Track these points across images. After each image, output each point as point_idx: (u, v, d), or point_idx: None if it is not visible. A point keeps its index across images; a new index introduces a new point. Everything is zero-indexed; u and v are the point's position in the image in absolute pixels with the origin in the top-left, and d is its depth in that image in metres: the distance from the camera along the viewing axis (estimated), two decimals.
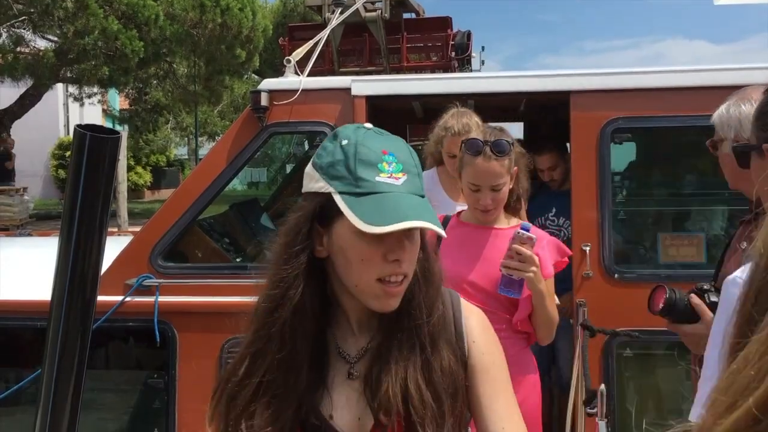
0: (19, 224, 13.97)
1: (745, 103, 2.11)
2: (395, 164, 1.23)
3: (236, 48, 17.56)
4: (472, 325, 1.40)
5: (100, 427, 3.63)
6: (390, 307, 1.28)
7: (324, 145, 1.29)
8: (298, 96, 3.39)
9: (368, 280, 1.25)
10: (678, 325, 2.09)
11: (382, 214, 1.18)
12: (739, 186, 2.18)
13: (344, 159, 1.23)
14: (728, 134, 2.13)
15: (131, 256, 3.47)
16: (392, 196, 1.20)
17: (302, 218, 1.30)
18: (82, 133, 1.12)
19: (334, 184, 1.23)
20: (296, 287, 1.29)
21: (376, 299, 1.27)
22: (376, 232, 1.17)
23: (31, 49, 16.59)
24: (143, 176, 27.31)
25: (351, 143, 1.24)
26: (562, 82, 3.36)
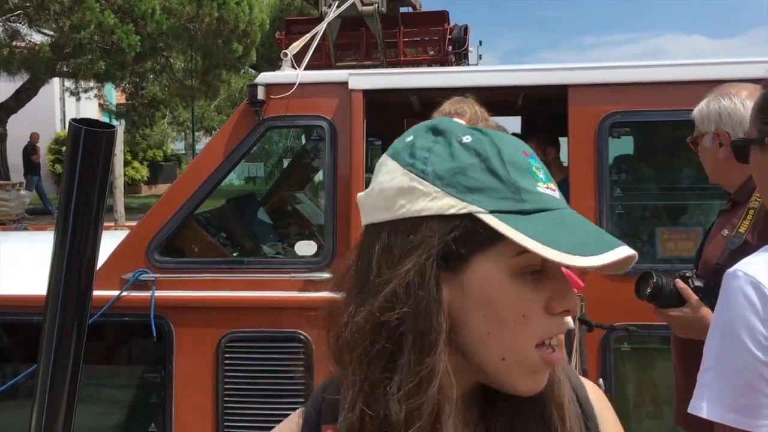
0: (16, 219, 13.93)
1: (724, 98, 2.18)
2: (543, 170, 0.86)
3: (233, 42, 17.53)
4: (600, 405, 1.01)
5: (96, 421, 3.63)
6: (541, 385, 0.85)
7: (416, 143, 0.86)
8: (294, 90, 3.37)
9: (525, 346, 0.81)
10: (664, 310, 2.15)
11: (583, 240, 0.79)
12: (719, 179, 2.28)
13: (483, 162, 0.82)
14: (708, 128, 2.22)
15: (127, 251, 3.46)
16: (569, 214, 0.82)
17: (420, 266, 0.80)
18: (77, 127, 1.11)
19: (478, 200, 0.80)
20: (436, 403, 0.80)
21: (531, 376, 0.83)
22: (592, 265, 0.76)
23: (27, 43, 16.55)
24: (140, 171, 27.29)
25: (482, 140, 0.84)
26: (560, 75, 3.35)
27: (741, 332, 1.22)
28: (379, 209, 0.85)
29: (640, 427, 3.38)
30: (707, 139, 2.24)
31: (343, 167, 3.37)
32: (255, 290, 3.34)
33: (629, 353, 3.35)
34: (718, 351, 1.26)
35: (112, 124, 1.22)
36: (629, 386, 3.44)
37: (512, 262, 0.80)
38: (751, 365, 1.20)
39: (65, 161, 1.14)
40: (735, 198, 2.25)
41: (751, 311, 1.22)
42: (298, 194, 4.99)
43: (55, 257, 1.15)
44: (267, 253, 3.93)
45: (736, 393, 1.21)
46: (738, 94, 2.19)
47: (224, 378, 3.32)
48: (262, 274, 3.39)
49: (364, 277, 0.84)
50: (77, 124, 1.11)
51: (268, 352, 3.32)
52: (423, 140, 0.85)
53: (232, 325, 3.35)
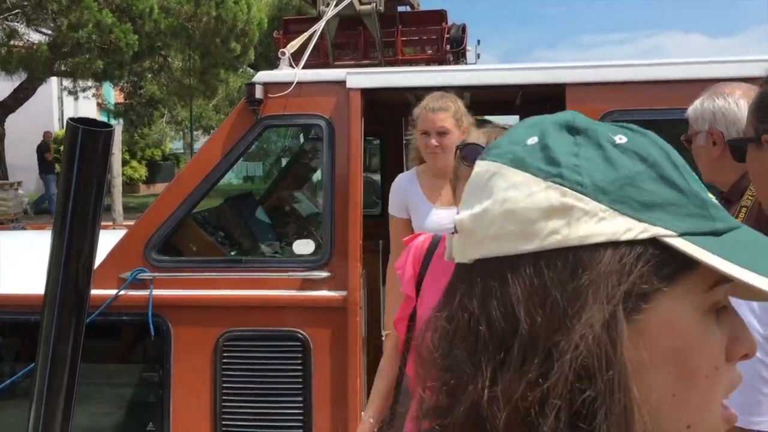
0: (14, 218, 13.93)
1: (718, 98, 2.22)
2: None
3: (231, 41, 17.52)
4: None
5: (94, 420, 3.62)
6: None
7: (551, 145, 0.62)
8: (293, 89, 3.37)
9: (716, 408, 0.63)
10: None
11: None
12: (714, 177, 2.30)
13: (652, 169, 0.61)
14: (702, 127, 2.24)
15: (125, 250, 3.46)
16: (755, 233, 0.64)
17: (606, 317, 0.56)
18: (75, 126, 1.11)
19: (661, 220, 0.59)
20: None
21: None
22: None
23: (25, 42, 16.53)
24: (138, 170, 27.26)
25: (641, 140, 0.64)
26: (558, 74, 3.36)
27: None
28: (509, 237, 0.60)
29: None
30: (701, 137, 2.27)
31: (341, 166, 3.37)
32: (253, 289, 3.34)
33: None
34: None
35: (109, 123, 1.21)
36: None
37: (704, 297, 0.60)
38: (749, 364, 1.20)
39: (63, 160, 1.14)
40: (728, 196, 2.27)
41: (747, 310, 1.22)
42: (296, 193, 4.98)
43: (53, 256, 1.15)
44: (265, 251, 3.93)
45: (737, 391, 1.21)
46: (732, 93, 2.22)
47: (222, 377, 3.32)
48: (260, 273, 3.39)
49: (500, 337, 0.59)
50: (75, 124, 1.11)
51: (266, 350, 3.32)
52: (559, 141, 0.63)
53: (230, 323, 3.35)
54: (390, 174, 5.76)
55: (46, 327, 1.18)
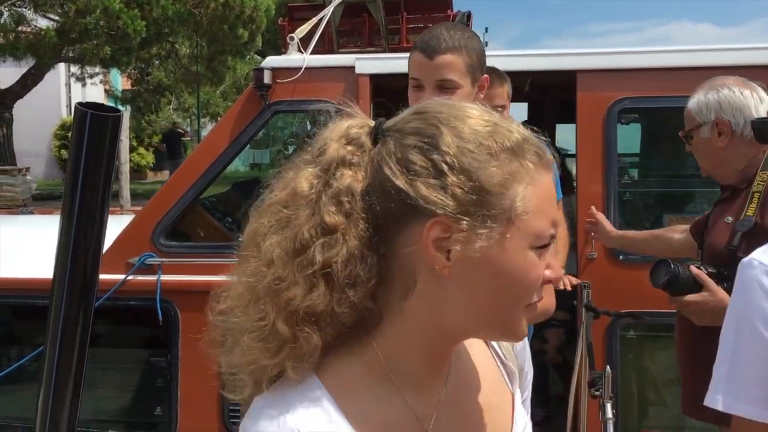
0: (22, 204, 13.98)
1: (722, 89, 2.26)
2: None
3: (238, 28, 17.46)
4: None
5: (103, 405, 3.64)
6: None
7: None
8: (301, 74, 3.36)
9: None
10: (680, 298, 2.13)
11: None
12: (716, 169, 2.32)
13: None
14: (707, 118, 2.26)
15: (133, 235, 3.46)
16: None
17: None
18: (83, 111, 1.10)
19: None
20: None
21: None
22: None
23: (33, 28, 16.53)
24: (145, 157, 27.28)
25: None
26: (569, 61, 3.33)
27: (757, 323, 1.20)
28: None
29: (647, 414, 3.38)
30: (705, 129, 2.29)
31: None
32: None
33: (635, 340, 3.35)
34: (734, 343, 1.25)
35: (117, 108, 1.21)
36: (635, 373, 3.43)
37: None
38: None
39: (71, 145, 1.13)
40: (736, 184, 2.28)
41: (766, 301, 1.20)
42: None
43: (61, 241, 1.15)
44: None
45: (753, 385, 1.20)
46: (734, 84, 2.27)
47: None
48: None
49: None
50: (83, 108, 1.10)
51: None
52: None
53: None
54: None
55: (54, 311, 1.17)
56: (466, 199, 0.82)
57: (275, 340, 0.85)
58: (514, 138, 0.85)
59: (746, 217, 2.14)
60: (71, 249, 1.15)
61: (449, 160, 0.82)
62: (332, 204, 0.84)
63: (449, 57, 1.98)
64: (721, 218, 2.27)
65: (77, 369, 1.20)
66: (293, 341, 0.84)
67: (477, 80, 2.06)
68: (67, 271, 1.15)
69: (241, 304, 0.89)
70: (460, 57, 1.99)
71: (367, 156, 0.86)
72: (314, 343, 0.85)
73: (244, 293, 0.89)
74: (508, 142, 0.84)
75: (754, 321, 1.20)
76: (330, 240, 0.83)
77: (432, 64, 1.98)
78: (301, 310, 0.84)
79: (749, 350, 1.21)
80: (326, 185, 0.86)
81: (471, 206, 0.82)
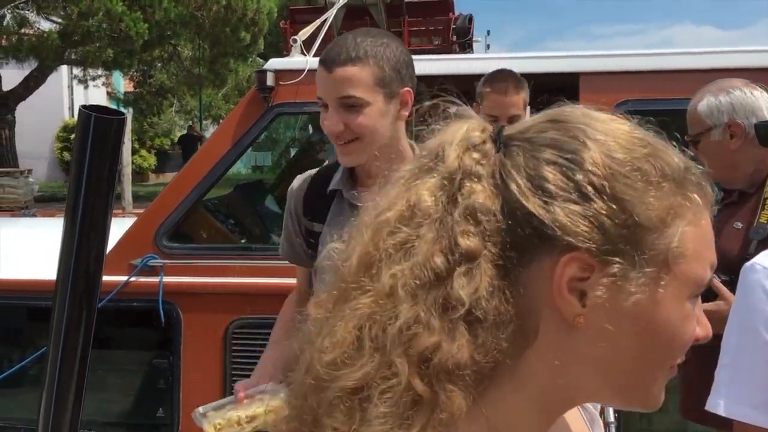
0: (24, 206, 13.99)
1: (734, 90, 2.24)
2: None
3: (241, 30, 17.51)
4: None
5: (105, 406, 3.64)
6: None
7: None
8: (304, 76, 3.35)
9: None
10: None
11: None
12: (727, 173, 2.30)
13: None
14: (719, 121, 2.22)
15: (136, 237, 3.46)
16: None
17: None
18: (87, 114, 1.10)
19: None
20: None
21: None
22: None
23: (35, 30, 16.57)
24: (147, 159, 27.29)
25: None
26: (571, 63, 3.33)
27: (759, 327, 1.19)
28: None
29: (649, 418, 3.37)
30: (716, 132, 2.26)
31: None
32: (263, 277, 3.33)
33: None
34: (736, 347, 1.24)
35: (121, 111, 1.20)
36: None
37: None
38: None
39: (75, 148, 1.13)
40: (744, 188, 2.26)
41: None
42: None
43: (65, 243, 1.15)
44: (275, 239, 3.93)
45: (755, 389, 1.19)
46: (743, 86, 2.25)
47: (232, 364, 3.32)
48: (271, 261, 3.38)
49: None
50: (87, 111, 1.10)
51: None
52: None
53: (240, 311, 3.34)
54: None
55: (57, 313, 1.17)
56: (617, 233, 0.66)
57: (411, 405, 0.65)
58: (676, 164, 0.70)
59: (760, 225, 2.12)
60: (75, 251, 1.15)
61: (597, 182, 0.66)
62: (467, 224, 0.67)
63: (351, 69, 1.68)
64: (729, 223, 2.24)
65: (80, 370, 1.20)
66: (433, 404, 0.65)
67: (395, 94, 1.75)
68: (70, 272, 1.15)
69: (353, 354, 0.68)
70: (365, 68, 1.68)
71: (490, 167, 0.70)
72: (458, 404, 0.65)
73: (357, 340, 0.68)
74: (669, 168, 0.69)
75: (757, 325, 1.20)
76: (471, 268, 0.66)
77: (331, 78, 1.69)
78: (442, 364, 0.65)
79: (752, 354, 1.20)
80: (452, 200, 0.69)
81: (621, 243, 0.66)
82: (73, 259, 1.14)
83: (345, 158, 1.79)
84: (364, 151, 1.73)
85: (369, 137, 1.71)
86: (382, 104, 1.72)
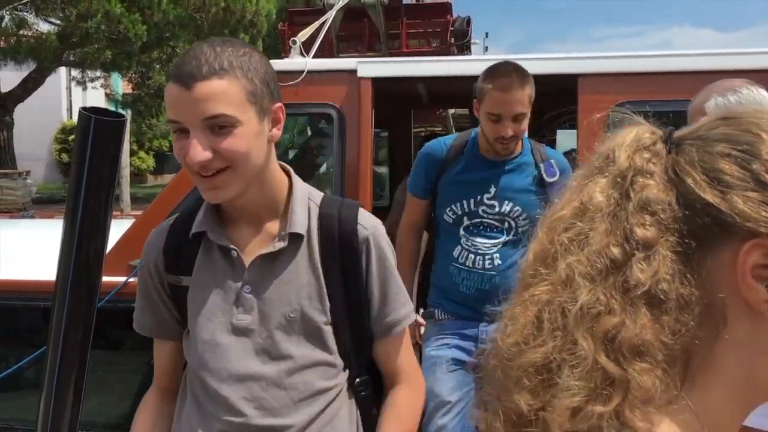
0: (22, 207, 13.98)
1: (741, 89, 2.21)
2: None
3: (239, 32, 17.51)
4: None
5: (104, 407, 3.64)
6: None
7: None
8: (303, 77, 3.36)
9: None
10: None
11: None
12: None
13: None
14: None
15: (135, 237, 3.46)
16: None
17: None
18: (87, 116, 1.10)
19: None
20: None
21: None
22: None
23: (34, 32, 16.57)
24: (146, 161, 27.33)
25: None
26: (570, 65, 3.33)
27: None
28: None
29: None
30: None
31: (351, 155, 3.36)
32: None
33: None
34: None
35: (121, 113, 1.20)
36: None
37: None
38: None
39: (74, 150, 1.13)
40: None
41: None
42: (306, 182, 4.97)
43: (64, 244, 1.15)
44: None
45: None
46: (750, 85, 2.21)
47: None
48: None
49: None
50: (87, 113, 1.10)
51: None
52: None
53: None
54: (397, 167, 5.75)
55: (57, 313, 1.17)
56: None
57: (603, 380, 0.68)
58: None
59: None
60: (74, 251, 1.15)
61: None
62: (642, 215, 0.72)
63: (217, 83, 1.36)
64: None
65: (79, 371, 1.20)
66: (626, 382, 0.68)
67: (266, 111, 1.46)
68: (70, 273, 1.15)
69: (533, 334, 0.73)
70: (233, 82, 1.38)
71: (662, 165, 0.75)
72: (651, 382, 0.68)
73: (536, 321, 0.74)
74: None
75: None
76: (649, 255, 0.70)
77: (192, 96, 1.36)
78: (626, 342, 0.68)
79: None
80: (624, 196, 0.74)
81: None
82: (73, 259, 1.15)
83: (214, 193, 1.45)
84: (238, 181, 1.43)
85: (243, 164, 1.41)
86: (255, 123, 1.43)
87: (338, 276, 1.53)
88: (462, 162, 2.91)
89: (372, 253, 1.57)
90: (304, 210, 1.57)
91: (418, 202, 3.04)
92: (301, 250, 1.54)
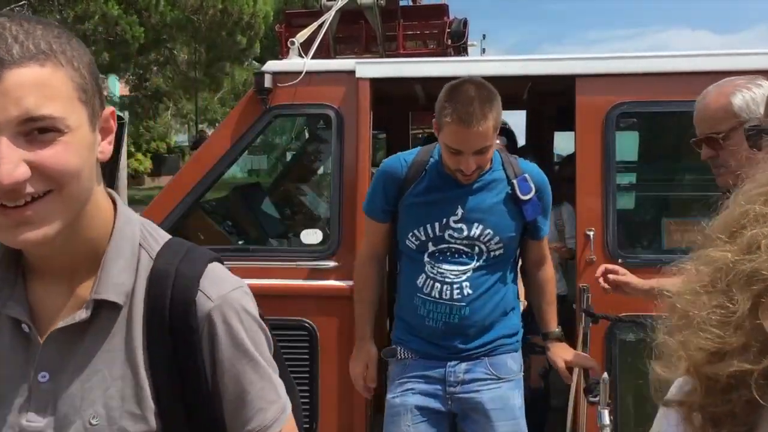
0: None
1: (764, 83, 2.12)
2: None
3: (237, 34, 17.53)
4: None
5: None
6: None
7: None
8: (302, 78, 3.37)
9: None
10: None
11: None
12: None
13: None
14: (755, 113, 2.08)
15: None
16: None
17: None
18: None
19: None
20: None
21: None
22: None
23: None
24: (143, 163, 27.32)
25: None
26: (567, 65, 3.34)
27: None
28: None
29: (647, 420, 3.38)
30: None
31: (349, 155, 3.37)
32: (260, 278, 3.33)
33: (635, 345, 3.35)
34: None
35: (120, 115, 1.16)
36: (635, 378, 3.43)
37: None
38: None
39: None
40: None
41: None
42: (304, 183, 4.99)
43: None
44: (272, 241, 3.93)
45: None
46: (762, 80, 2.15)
47: None
48: (268, 262, 3.39)
49: None
50: None
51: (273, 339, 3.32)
52: None
53: None
54: None
55: None
56: None
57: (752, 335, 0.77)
58: None
59: None
60: None
61: None
62: None
63: (36, 72, 0.94)
64: None
65: None
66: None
67: (97, 116, 1.05)
68: None
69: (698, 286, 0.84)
70: (57, 70, 0.97)
71: None
72: None
73: (705, 277, 0.84)
74: None
75: None
76: None
77: None
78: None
79: None
80: None
81: None
82: None
83: (24, 231, 0.96)
84: (62, 212, 0.98)
85: (71, 187, 0.98)
86: (87, 131, 1.01)
87: (169, 365, 1.07)
88: (425, 180, 2.61)
89: (218, 336, 1.10)
90: (130, 263, 1.09)
91: (377, 225, 2.76)
92: (118, 326, 1.07)
